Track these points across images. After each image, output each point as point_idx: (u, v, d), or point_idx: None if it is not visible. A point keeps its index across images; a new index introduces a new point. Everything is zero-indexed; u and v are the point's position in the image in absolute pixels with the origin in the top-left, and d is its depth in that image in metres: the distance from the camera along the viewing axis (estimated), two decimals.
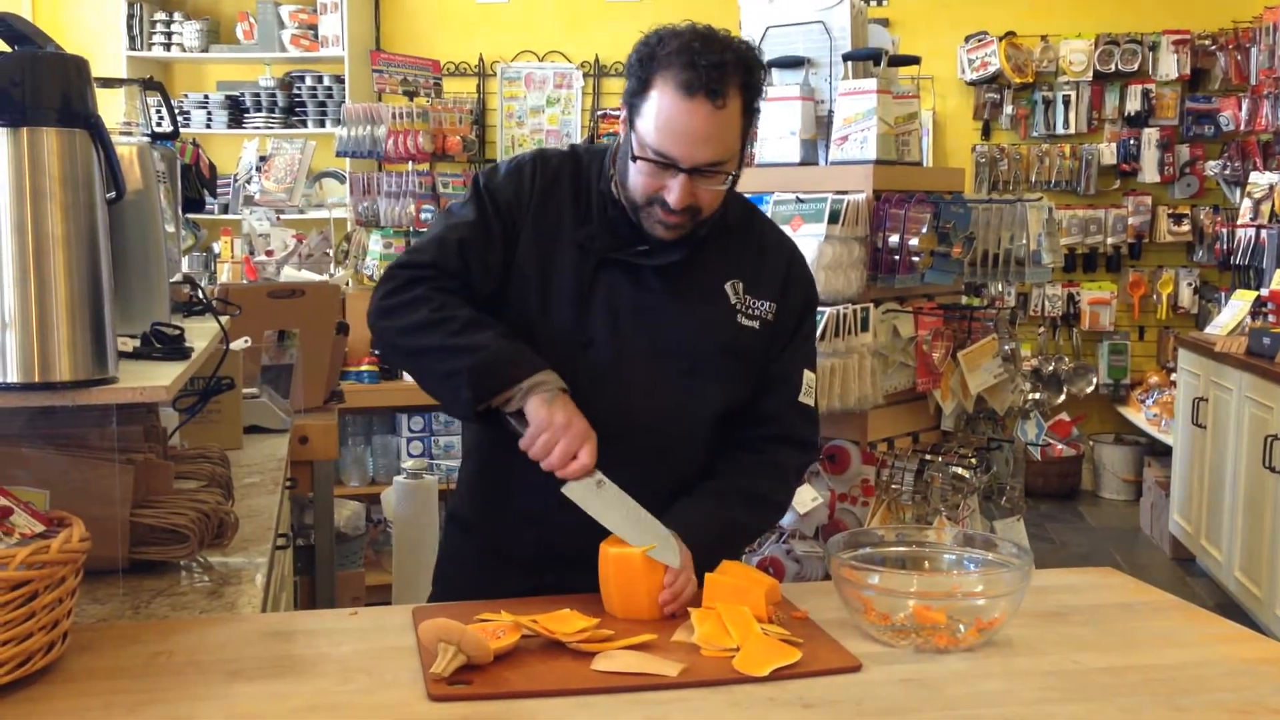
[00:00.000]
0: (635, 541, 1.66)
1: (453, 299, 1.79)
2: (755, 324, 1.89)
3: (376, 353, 4.52)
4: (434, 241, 1.85)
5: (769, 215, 2.89)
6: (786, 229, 2.84)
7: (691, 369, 1.85)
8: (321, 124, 6.57)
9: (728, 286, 1.88)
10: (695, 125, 1.69)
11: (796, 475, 2.01)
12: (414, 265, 1.83)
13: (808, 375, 1.95)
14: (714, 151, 1.72)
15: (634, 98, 1.75)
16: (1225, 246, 6.35)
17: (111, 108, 2.49)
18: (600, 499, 1.70)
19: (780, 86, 3.07)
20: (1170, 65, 6.68)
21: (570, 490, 1.71)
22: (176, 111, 4.75)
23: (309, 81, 6.70)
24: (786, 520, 2.94)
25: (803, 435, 1.97)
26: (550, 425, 1.69)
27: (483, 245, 1.83)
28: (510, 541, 1.90)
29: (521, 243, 1.84)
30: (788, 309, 1.93)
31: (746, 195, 3.02)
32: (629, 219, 1.82)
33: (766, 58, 3.12)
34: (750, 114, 1.76)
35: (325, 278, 4.59)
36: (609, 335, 1.82)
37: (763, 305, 1.90)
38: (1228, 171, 6.55)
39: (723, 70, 1.68)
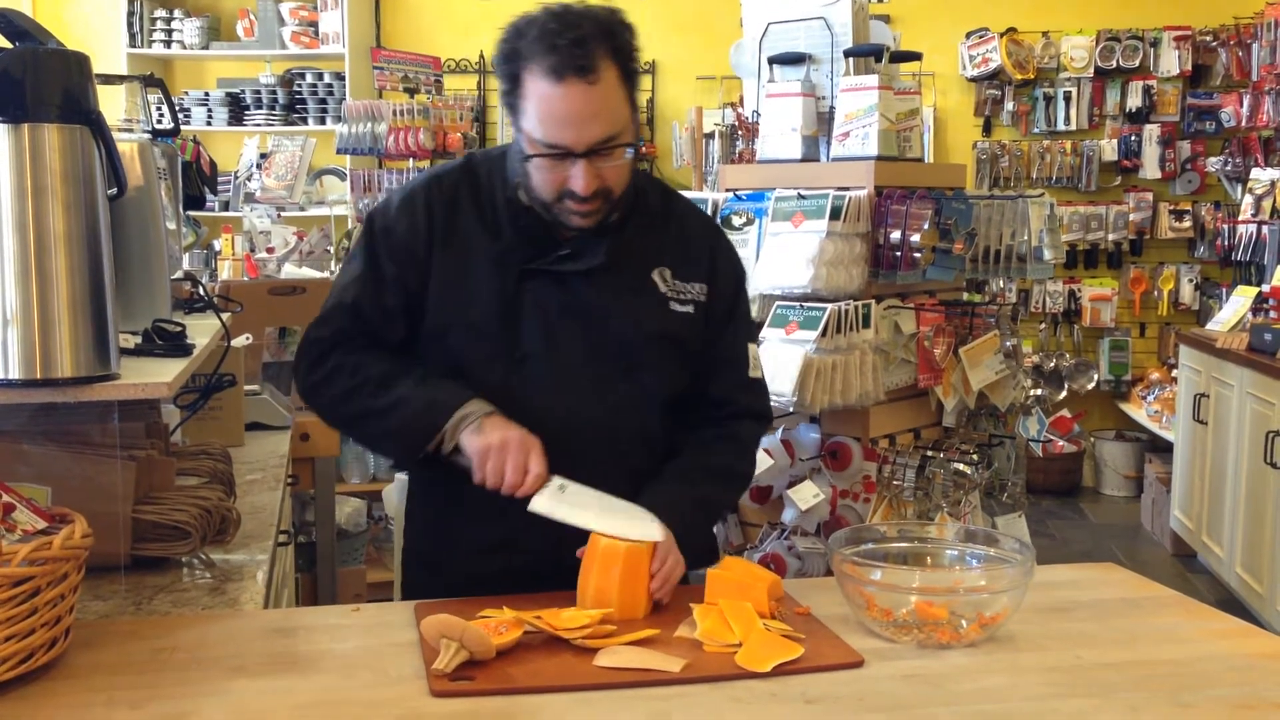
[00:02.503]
0: (618, 532, 1.65)
1: (366, 357, 1.80)
2: (689, 309, 1.87)
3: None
4: (332, 309, 1.85)
5: (770, 212, 2.91)
6: (788, 225, 2.85)
7: (630, 365, 1.83)
8: (322, 121, 6.57)
9: (655, 275, 1.85)
10: (575, 107, 1.65)
11: (756, 444, 2.00)
12: (320, 339, 1.84)
13: (751, 350, 1.94)
14: (602, 128, 1.68)
15: (509, 97, 1.71)
16: (1226, 243, 6.34)
17: (112, 105, 2.49)
18: (567, 504, 1.68)
19: (781, 82, 3.06)
20: (1171, 61, 6.67)
21: (536, 505, 1.68)
22: (177, 109, 4.74)
23: (309, 78, 6.70)
24: (788, 516, 2.94)
25: (758, 409, 1.97)
26: (488, 449, 1.68)
27: (376, 296, 1.82)
28: (478, 571, 1.84)
29: (433, 273, 1.81)
30: (719, 290, 1.90)
31: (747, 191, 3.03)
32: (543, 223, 1.79)
33: (768, 54, 3.11)
34: (630, 77, 1.72)
35: (326, 275, 4.59)
36: (543, 346, 1.80)
37: (693, 288, 1.88)
38: (1229, 167, 6.55)
39: (585, 44, 1.64)
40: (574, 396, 1.80)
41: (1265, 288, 5.17)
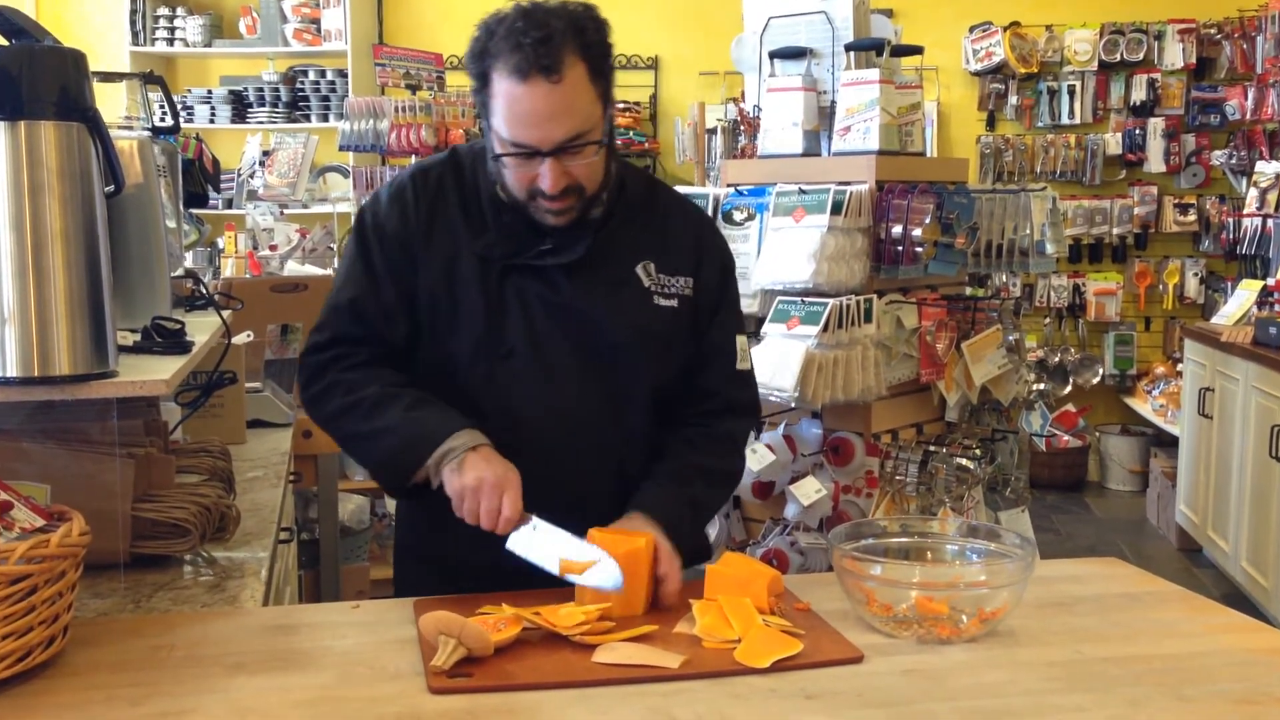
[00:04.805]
0: (579, 580, 1.62)
1: (361, 374, 1.78)
2: (673, 303, 1.86)
3: None
4: (329, 313, 1.83)
5: (772, 207, 2.90)
6: (789, 220, 2.84)
7: (614, 361, 1.82)
8: (324, 118, 6.57)
9: (639, 269, 1.84)
10: (539, 106, 1.64)
11: (744, 441, 2.01)
12: (318, 349, 1.82)
13: (740, 341, 1.93)
14: (568, 127, 1.66)
15: (480, 95, 1.70)
16: (1231, 236, 6.32)
17: (113, 102, 2.49)
18: (536, 544, 1.67)
19: (782, 77, 3.06)
20: (1175, 54, 6.65)
21: (512, 545, 1.68)
22: (180, 106, 4.74)
23: (312, 76, 6.70)
24: (790, 512, 2.93)
25: (745, 402, 1.96)
26: (463, 491, 1.67)
27: (374, 294, 1.80)
28: (464, 563, 1.83)
29: (421, 267, 1.80)
30: (704, 282, 1.89)
31: (749, 186, 3.02)
32: (524, 218, 1.77)
33: (769, 49, 3.11)
34: (601, 74, 1.70)
35: (328, 272, 4.59)
36: (527, 342, 1.79)
37: (678, 282, 1.86)
38: (1234, 161, 6.53)
39: (550, 43, 1.63)
40: (559, 392, 1.79)
41: (1270, 281, 5.16)
